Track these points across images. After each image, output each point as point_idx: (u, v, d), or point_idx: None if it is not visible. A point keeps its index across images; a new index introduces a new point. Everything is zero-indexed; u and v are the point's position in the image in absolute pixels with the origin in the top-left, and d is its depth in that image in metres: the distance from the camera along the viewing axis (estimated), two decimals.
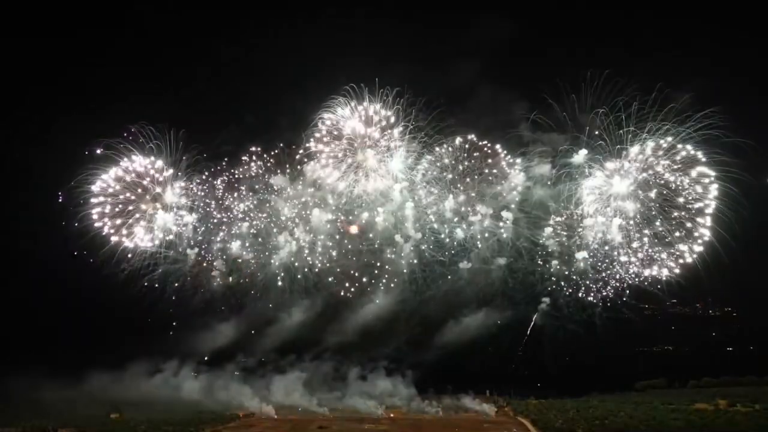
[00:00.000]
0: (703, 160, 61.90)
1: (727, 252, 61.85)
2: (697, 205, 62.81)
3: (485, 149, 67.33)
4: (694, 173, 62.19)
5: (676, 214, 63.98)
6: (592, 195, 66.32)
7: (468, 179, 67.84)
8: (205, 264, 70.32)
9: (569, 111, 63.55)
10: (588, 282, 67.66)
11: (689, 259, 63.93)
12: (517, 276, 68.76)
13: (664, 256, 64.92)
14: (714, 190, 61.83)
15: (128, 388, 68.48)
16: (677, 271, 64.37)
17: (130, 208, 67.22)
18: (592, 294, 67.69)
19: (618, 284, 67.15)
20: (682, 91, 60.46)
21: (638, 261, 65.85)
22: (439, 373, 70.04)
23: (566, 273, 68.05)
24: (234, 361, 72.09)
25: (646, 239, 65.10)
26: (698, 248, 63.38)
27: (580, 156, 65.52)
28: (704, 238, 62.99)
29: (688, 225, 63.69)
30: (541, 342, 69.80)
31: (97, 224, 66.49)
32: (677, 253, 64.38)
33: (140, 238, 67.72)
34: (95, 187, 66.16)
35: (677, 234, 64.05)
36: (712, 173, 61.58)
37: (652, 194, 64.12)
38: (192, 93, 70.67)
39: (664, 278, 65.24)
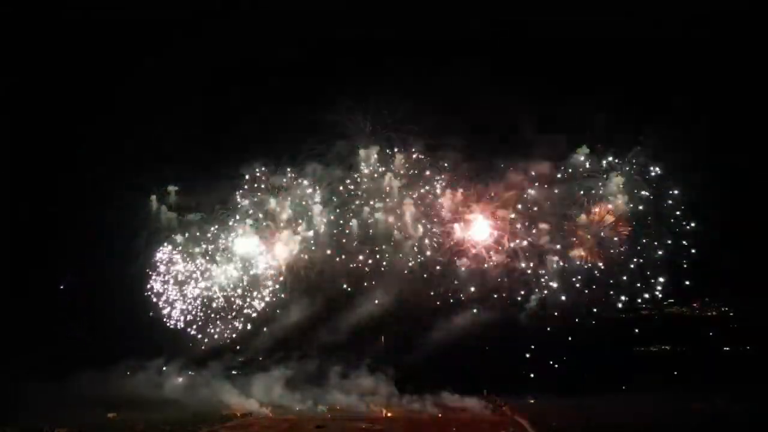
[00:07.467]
0: None
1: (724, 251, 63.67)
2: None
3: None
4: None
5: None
6: (589, 194, 67.15)
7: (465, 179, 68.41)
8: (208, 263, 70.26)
9: (571, 112, 64.51)
10: (583, 281, 68.01)
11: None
12: (514, 276, 68.81)
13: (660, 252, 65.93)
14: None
15: (116, 386, 67.87)
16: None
17: None
18: (586, 293, 68.07)
19: (613, 283, 67.66)
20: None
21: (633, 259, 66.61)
22: (423, 372, 69.62)
23: (561, 273, 68.25)
24: (222, 360, 71.65)
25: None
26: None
27: (580, 156, 66.52)
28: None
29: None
30: (527, 342, 69.91)
31: None
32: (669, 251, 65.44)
33: None
34: None
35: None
36: None
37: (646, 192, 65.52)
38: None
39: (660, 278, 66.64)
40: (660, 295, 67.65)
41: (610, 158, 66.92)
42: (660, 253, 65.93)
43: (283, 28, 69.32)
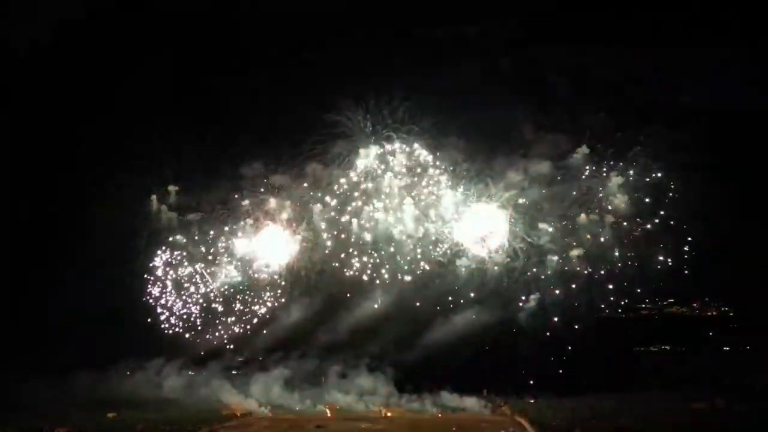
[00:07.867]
0: None
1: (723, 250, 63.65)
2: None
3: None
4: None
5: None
6: (588, 194, 67.05)
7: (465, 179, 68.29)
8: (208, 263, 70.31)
9: (571, 111, 64.49)
10: (583, 281, 67.95)
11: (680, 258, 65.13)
12: (513, 275, 68.74)
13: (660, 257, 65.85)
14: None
15: (116, 386, 68.11)
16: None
17: None
18: (585, 293, 68.04)
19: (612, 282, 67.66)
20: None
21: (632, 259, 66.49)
22: (423, 372, 69.72)
23: (560, 273, 68.20)
24: (222, 360, 71.83)
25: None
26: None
27: (580, 155, 66.51)
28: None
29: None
30: (527, 342, 69.76)
31: None
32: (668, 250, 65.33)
33: None
34: None
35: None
36: None
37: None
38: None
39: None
40: (660, 296, 67.78)
41: (612, 162, 66.76)
42: (660, 256, 65.79)
43: (283, 28, 69.36)
